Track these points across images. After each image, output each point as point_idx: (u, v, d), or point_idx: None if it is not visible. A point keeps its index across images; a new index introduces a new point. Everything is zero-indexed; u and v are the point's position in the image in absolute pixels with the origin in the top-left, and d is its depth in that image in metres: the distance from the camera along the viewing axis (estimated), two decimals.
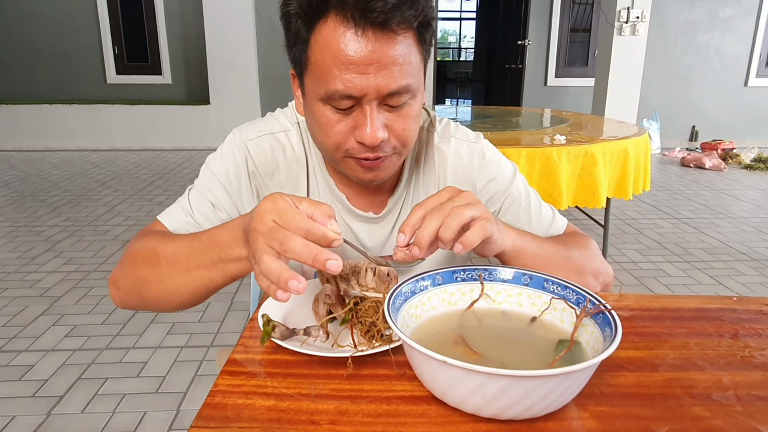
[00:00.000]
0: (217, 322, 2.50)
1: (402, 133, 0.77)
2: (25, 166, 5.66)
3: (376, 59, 0.69)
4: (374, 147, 0.75)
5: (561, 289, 0.67)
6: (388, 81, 0.71)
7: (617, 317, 0.58)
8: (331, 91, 0.71)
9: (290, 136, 0.92)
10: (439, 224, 0.65)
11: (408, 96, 0.74)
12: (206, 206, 0.87)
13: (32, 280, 2.93)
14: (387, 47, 0.69)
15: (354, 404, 0.58)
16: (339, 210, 0.93)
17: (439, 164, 0.96)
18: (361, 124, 0.73)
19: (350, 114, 0.74)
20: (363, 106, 0.73)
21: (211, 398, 0.60)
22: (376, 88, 0.71)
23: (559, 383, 0.50)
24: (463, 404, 0.54)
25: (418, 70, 0.75)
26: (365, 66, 0.69)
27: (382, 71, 0.70)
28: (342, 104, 0.73)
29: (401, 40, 0.71)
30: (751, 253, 3.45)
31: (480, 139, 0.98)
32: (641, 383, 0.63)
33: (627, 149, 2.70)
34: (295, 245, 0.55)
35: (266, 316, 0.68)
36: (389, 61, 0.70)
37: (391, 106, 0.74)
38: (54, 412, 1.88)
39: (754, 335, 0.75)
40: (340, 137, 0.76)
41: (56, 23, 6.82)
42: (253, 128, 0.91)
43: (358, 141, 0.75)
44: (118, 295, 0.82)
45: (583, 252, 0.89)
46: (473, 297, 0.71)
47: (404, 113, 0.76)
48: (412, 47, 0.73)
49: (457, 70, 17.19)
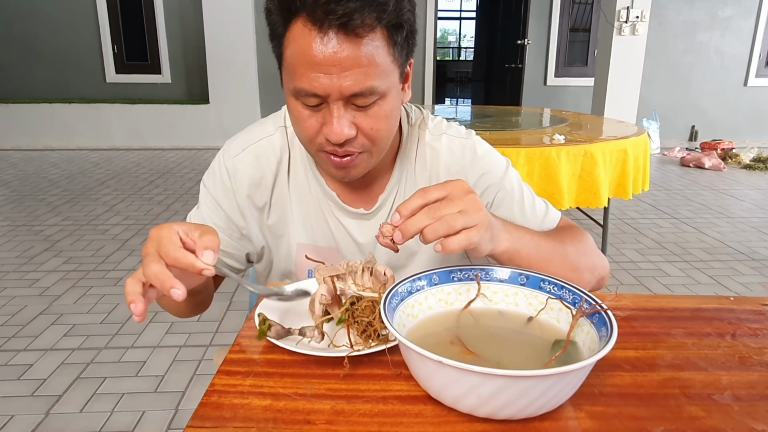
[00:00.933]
0: (216, 322, 2.50)
1: (370, 132, 0.78)
2: (25, 165, 5.66)
3: (338, 61, 0.70)
4: (341, 144, 0.77)
5: (557, 289, 0.67)
6: (351, 82, 0.72)
7: (613, 317, 0.58)
8: (298, 88, 0.74)
9: (272, 141, 0.94)
10: (428, 223, 0.65)
11: (375, 97, 0.75)
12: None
13: (31, 279, 2.93)
14: (350, 49, 0.70)
15: (350, 404, 0.58)
16: (330, 207, 0.94)
17: (431, 161, 0.97)
18: (328, 121, 0.76)
19: (319, 110, 0.76)
20: (330, 105, 0.75)
21: (207, 398, 0.60)
22: (339, 89, 0.72)
23: (554, 383, 0.51)
24: (459, 404, 0.54)
25: (388, 71, 0.75)
26: (328, 67, 0.71)
27: (344, 72, 0.71)
28: (309, 101, 0.75)
29: (366, 42, 0.71)
30: (750, 253, 3.45)
31: (471, 135, 0.99)
32: (637, 383, 0.63)
33: (626, 149, 2.70)
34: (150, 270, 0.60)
35: (262, 315, 0.68)
36: (352, 63, 0.71)
37: (358, 106, 0.76)
38: (53, 411, 1.88)
39: (751, 335, 0.75)
40: (311, 131, 0.78)
41: (56, 22, 6.82)
42: (237, 142, 0.94)
43: (326, 137, 0.77)
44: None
45: (578, 247, 0.89)
46: (470, 297, 0.71)
47: (372, 113, 0.77)
48: (380, 49, 0.73)
49: (457, 69, 17.18)
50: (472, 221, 0.67)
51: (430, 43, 7.02)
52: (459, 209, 0.66)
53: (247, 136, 0.94)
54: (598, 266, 0.90)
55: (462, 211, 0.66)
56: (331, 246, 0.96)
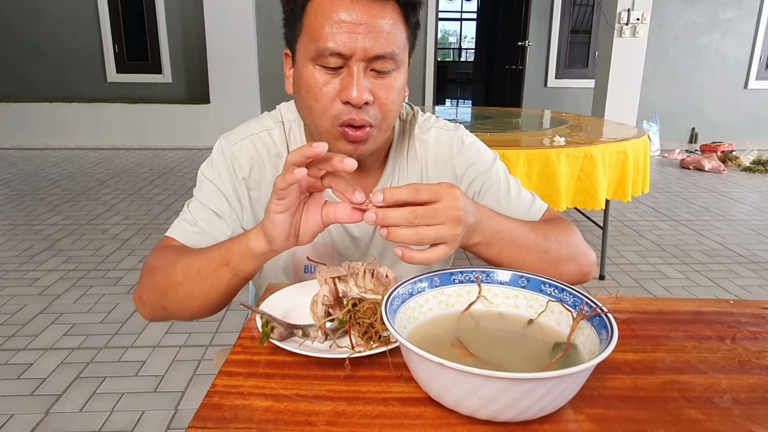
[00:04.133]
0: (216, 322, 2.50)
1: (385, 102, 0.81)
2: (25, 165, 5.66)
3: (365, 21, 0.75)
4: (359, 110, 0.79)
5: (558, 291, 0.68)
6: (375, 44, 0.76)
7: (613, 320, 0.58)
8: (321, 48, 0.76)
9: (272, 135, 0.95)
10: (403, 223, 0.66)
11: (393, 65, 0.79)
12: (209, 214, 0.91)
13: (31, 278, 2.93)
14: (376, 13, 0.76)
15: (351, 405, 0.59)
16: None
17: (420, 153, 1.00)
18: (348, 84, 0.78)
19: (338, 76, 0.79)
20: (351, 67, 0.78)
21: (208, 399, 0.60)
22: (364, 49, 0.76)
23: (554, 386, 0.51)
24: (460, 406, 0.55)
25: (403, 46, 0.81)
26: (355, 26, 0.75)
27: (370, 33, 0.76)
28: (331, 62, 0.77)
29: (389, 11, 0.77)
30: (750, 256, 3.46)
31: (459, 128, 1.03)
32: (637, 386, 0.63)
33: (626, 151, 2.71)
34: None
35: (265, 318, 0.68)
36: (377, 27, 0.76)
37: (377, 72, 0.79)
38: (52, 410, 1.88)
39: (750, 338, 0.75)
40: (327, 99, 0.79)
41: (57, 21, 6.82)
42: (236, 133, 0.96)
43: (344, 101, 0.78)
44: (145, 309, 0.87)
45: (561, 239, 0.88)
46: (470, 299, 0.71)
47: (388, 83, 0.80)
48: (399, 23, 0.79)
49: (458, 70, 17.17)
50: (444, 238, 0.68)
51: (430, 44, 7.02)
52: (438, 222, 0.67)
53: (246, 129, 0.96)
54: (581, 259, 0.89)
55: (440, 225, 0.67)
56: (327, 243, 0.97)
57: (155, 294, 0.83)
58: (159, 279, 0.82)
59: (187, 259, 0.80)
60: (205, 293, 0.78)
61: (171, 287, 0.80)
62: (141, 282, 0.86)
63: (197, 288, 0.78)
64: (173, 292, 0.80)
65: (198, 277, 0.77)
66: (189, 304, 0.81)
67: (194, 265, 0.78)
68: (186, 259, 0.80)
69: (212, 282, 0.77)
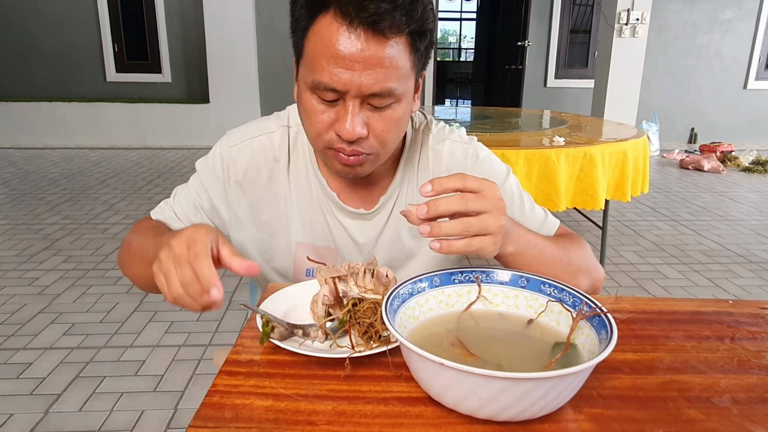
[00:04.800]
0: (216, 321, 2.50)
1: (381, 134, 0.79)
2: (24, 164, 5.66)
3: (362, 58, 0.71)
4: (351, 142, 0.78)
5: (557, 291, 0.68)
6: (371, 81, 0.73)
7: (613, 320, 0.58)
8: (317, 81, 0.74)
9: (272, 138, 0.95)
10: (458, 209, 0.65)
11: (392, 100, 0.77)
12: (189, 204, 0.97)
13: (31, 278, 2.93)
14: (375, 48, 0.71)
15: (351, 405, 0.59)
16: (330, 207, 0.95)
17: (433, 164, 0.98)
18: (342, 117, 0.76)
19: (334, 107, 0.77)
20: (346, 101, 0.75)
21: (209, 398, 0.60)
22: (359, 86, 0.73)
23: (554, 386, 0.51)
24: (460, 406, 0.55)
25: (407, 76, 0.77)
26: (352, 63, 0.72)
27: (366, 71, 0.72)
28: (326, 96, 0.75)
29: (392, 44, 0.72)
30: (749, 256, 3.46)
31: (473, 141, 1.01)
32: (637, 386, 0.63)
33: (626, 151, 2.71)
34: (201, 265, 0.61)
35: (265, 317, 0.68)
36: (375, 62, 0.72)
37: (374, 107, 0.77)
38: (52, 410, 1.88)
39: (750, 338, 0.75)
40: (322, 126, 0.78)
41: (56, 21, 6.82)
42: (238, 134, 0.96)
43: (337, 133, 0.78)
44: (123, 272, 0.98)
45: (579, 254, 0.91)
46: (470, 299, 0.71)
47: (386, 115, 0.78)
48: (403, 53, 0.74)
49: (457, 70, 17.19)
50: (489, 229, 0.67)
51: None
52: (485, 211, 0.66)
53: (248, 130, 0.96)
54: (594, 274, 0.92)
55: (486, 214, 0.66)
56: (330, 246, 0.97)
57: (121, 264, 0.97)
58: (123, 252, 0.95)
59: (141, 241, 0.88)
60: (145, 278, 0.84)
61: (126, 264, 0.93)
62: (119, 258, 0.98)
63: (139, 272, 0.87)
64: (128, 269, 0.93)
65: (139, 263, 0.85)
66: (139, 282, 0.91)
67: (140, 250, 0.86)
68: (140, 240, 0.89)
69: (147, 273, 0.78)
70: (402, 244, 0.97)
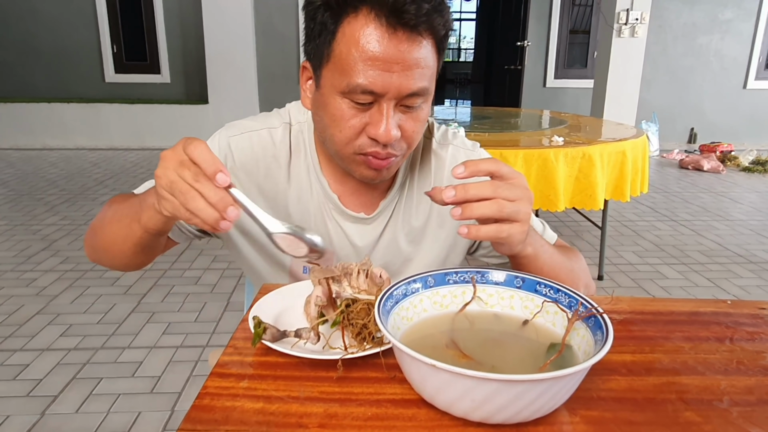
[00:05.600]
0: (213, 322, 2.50)
1: (411, 134, 0.79)
2: (23, 165, 5.65)
3: (401, 59, 0.71)
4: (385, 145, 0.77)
5: (553, 292, 0.67)
6: (410, 82, 0.73)
7: (609, 321, 0.58)
8: (353, 84, 0.73)
9: (273, 134, 0.92)
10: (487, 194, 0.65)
11: (422, 99, 0.77)
12: None
13: (28, 278, 2.92)
14: (414, 49, 0.72)
15: (343, 407, 0.58)
16: (330, 210, 0.93)
17: (435, 169, 0.97)
18: (377, 121, 0.75)
19: (366, 110, 0.76)
20: (381, 104, 0.74)
21: (199, 400, 0.59)
22: (398, 88, 0.73)
23: (548, 387, 0.50)
24: (453, 408, 0.54)
25: (433, 75, 0.78)
26: (390, 64, 0.71)
27: (405, 72, 0.72)
28: (361, 99, 0.74)
29: (425, 44, 0.73)
30: (749, 256, 3.45)
31: (477, 148, 1.00)
32: (633, 388, 0.62)
33: (625, 151, 2.70)
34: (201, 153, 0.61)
35: (257, 318, 0.67)
36: (413, 63, 0.72)
37: (407, 107, 0.76)
38: (48, 411, 1.87)
39: (749, 339, 0.74)
40: (352, 132, 0.77)
41: (55, 21, 6.81)
42: (238, 126, 0.93)
43: (371, 137, 0.76)
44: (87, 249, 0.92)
45: (579, 264, 0.92)
46: (465, 300, 0.71)
47: (415, 116, 0.78)
48: (432, 53, 0.75)
49: (456, 71, 17.19)
50: (520, 215, 0.67)
51: None
52: (515, 198, 0.66)
53: (250, 123, 0.94)
54: (589, 284, 0.92)
55: (517, 200, 0.66)
56: (327, 248, 0.95)
57: (90, 233, 0.90)
58: (96, 220, 0.89)
59: (119, 204, 0.85)
60: (123, 240, 0.81)
61: (99, 227, 0.86)
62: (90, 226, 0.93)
63: (116, 233, 0.82)
64: (100, 232, 0.86)
65: (118, 223, 0.81)
66: (109, 249, 0.85)
67: (119, 211, 0.83)
68: (118, 204, 0.85)
69: (127, 232, 0.79)
70: (399, 249, 0.97)
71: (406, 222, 0.96)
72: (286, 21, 6.86)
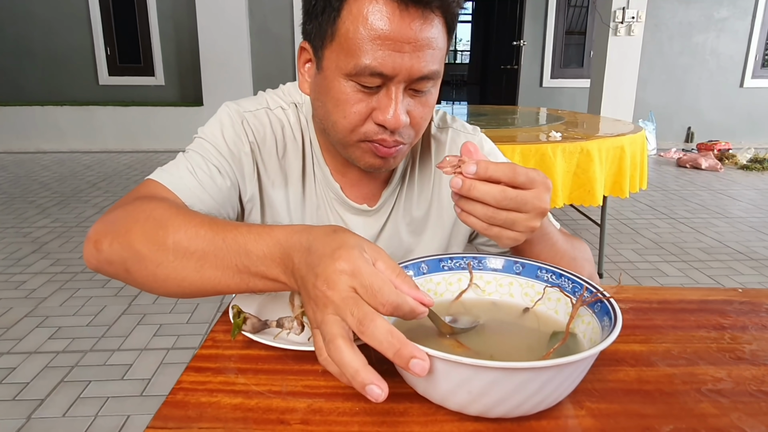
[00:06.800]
0: (206, 324, 2.44)
1: (419, 121, 0.74)
2: (16, 168, 5.59)
3: (414, 38, 0.66)
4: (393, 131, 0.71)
5: (555, 277, 0.62)
6: (422, 63, 0.67)
7: (617, 305, 0.53)
8: (360, 66, 0.67)
9: (288, 114, 0.86)
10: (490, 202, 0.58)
11: (432, 83, 0.72)
12: (212, 169, 0.79)
13: (18, 281, 2.86)
14: (425, 28, 0.66)
15: (329, 402, 0.53)
16: (332, 200, 0.88)
17: (435, 155, 0.93)
18: (385, 105, 0.69)
19: (374, 94, 0.70)
20: (390, 87, 0.69)
21: (172, 396, 0.55)
22: (409, 70, 0.67)
23: (552, 377, 0.45)
24: (447, 401, 0.49)
25: (443, 59, 0.73)
26: (402, 44, 0.66)
27: (417, 52, 0.67)
28: (369, 81, 0.68)
29: (437, 23, 0.68)
30: (749, 253, 3.41)
31: (477, 132, 0.96)
32: (643, 378, 0.58)
33: (623, 146, 2.66)
34: (377, 330, 0.45)
35: (236, 308, 0.63)
36: (425, 43, 0.67)
37: (416, 91, 0.71)
38: (34, 415, 1.81)
39: (761, 328, 0.70)
40: (358, 118, 0.71)
41: (48, 24, 6.76)
42: (248, 102, 0.86)
43: (379, 123, 0.71)
44: (96, 258, 0.66)
45: (584, 249, 0.88)
46: (461, 287, 0.66)
47: (424, 101, 0.73)
48: (442, 33, 0.70)
49: (453, 72, 17.17)
50: (516, 226, 0.59)
51: None
52: (525, 211, 0.59)
53: (255, 102, 0.86)
54: (593, 273, 0.87)
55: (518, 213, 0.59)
56: None
57: (125, 254, 0.63)
58: (141, 240, 0.62)
59: (189, 239, 0.59)
60: (198, 288, 0.60)
61: (153, 261, 0.61)
62: (107, 227, 0.67)
63: (189, 279, 0.60)
64: (153, 267, 0.61)
65: (197, 270, 0.59)
66: (170, 288, 0.62)
67: (196, 255, 0.59)
68: (187, 237, 0.60)
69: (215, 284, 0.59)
70: (401, 240, 0.92)
71: (408, 212, 0.91)
72: (281, 22, 6.82)
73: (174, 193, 0.74)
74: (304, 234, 0.53)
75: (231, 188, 0.80)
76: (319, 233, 0.52)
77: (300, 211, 0.88)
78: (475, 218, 0.59)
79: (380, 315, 0.46)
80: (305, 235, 0.53)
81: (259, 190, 0.85)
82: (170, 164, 0.80)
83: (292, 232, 0.54)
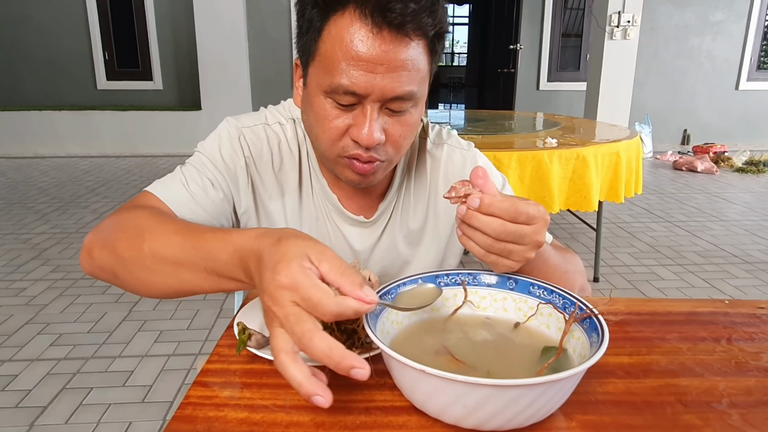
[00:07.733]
0: (206, 330, 2.47)
1: (398, 139, 0.76)
2: (14, 173, 5.60)
3: (386, 60, 0.68)
4: (368, 148, 0.74)
5: (547, 293, 0.65)
6: (394, 84, 0.70)
7: (604, 323, 0.56)
8: (335, 84, 0.70)
9: (285, 129, 0.90)
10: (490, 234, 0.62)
11: (410, 104, 0.74)
12: (205, 182, 0.82)
13: (18, 288, 2.88)
14: (399, 50, 0.69)
15: (331, 416, 0.56)
16: (330, 211, 0.91)
17: (431, 169, 0.95)
18: (360, 123, 0.72)
19: (350, 111, 0.73)
20: (365, 106, 0.72)
21: (181, 410, 0.57)
22: (381, 90, 0.70)
23: (542, 392, 0.48)
24: (444, 414, 0.52)
25: (424, 79, 0.75)
26: (374, 65, 0.68)
27: (390, 73, 0.69)
28: (344, 100, 0.71)
29: (414, 46, 0.70)
30: (744, 256, 3.45)
31: (472, 148, 0.99)
32: (631, 390, 0.60)
33: (619, 152, 2.69)
34: (316, 348, 0.48)
35: (241, 324, 0.65)
36: (398, 65, 0.69)
37: (392, 111, 0.73)
38: (37, 423, 1.84)
39: (747, 339, 0.72)
40: (336, 133, 0.74)
41: (46, 29, 6.77)
42: (247, 118, 0.90)
43: (354, 139, 0.74)
44: (90, 265, 0.72)
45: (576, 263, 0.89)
46: (456, 303, 0.69)
47: (404, 120, 0.75)
48: (422, 55, 0.72)
49: (450, 75, 17.21)
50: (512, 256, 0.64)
51: None
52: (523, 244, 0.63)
53: (255, 117, 0.90)
54: (585, 287, 0.90)
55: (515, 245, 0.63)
56: None
57: (113, 260, 0.69)
58: (123, 247, 0.67)
59: (163, 246, 0.64)
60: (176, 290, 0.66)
61: (136, 266, 0.66)
62: (99, 236, 0.72)
63: (167, 282, 0.65)
64: (137, 271, 0.67)
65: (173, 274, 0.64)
66: (152, 290, 0.68)
67: (170, 260, 0.63)
68: (162, 245, 0.64)
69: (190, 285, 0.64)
70: (397, 252, 0.95)
71: (404, 224, 0.94)
72: (279, 26, 6.85)
73: (166, 205, 0.78)
74: (257, 241, 0.55)
75: (224, 200, 0.83)
76: (268, 242, 0.54)
77: (298, 222, 0.90)
78: (474, 244, 0.63)
79: (320, 331, 0.48)
80: (257, 243, 0.55)
81: (255, 202, 0.88)
82: (167, 177, 0.84)
83: (248, 239, 0.57)
